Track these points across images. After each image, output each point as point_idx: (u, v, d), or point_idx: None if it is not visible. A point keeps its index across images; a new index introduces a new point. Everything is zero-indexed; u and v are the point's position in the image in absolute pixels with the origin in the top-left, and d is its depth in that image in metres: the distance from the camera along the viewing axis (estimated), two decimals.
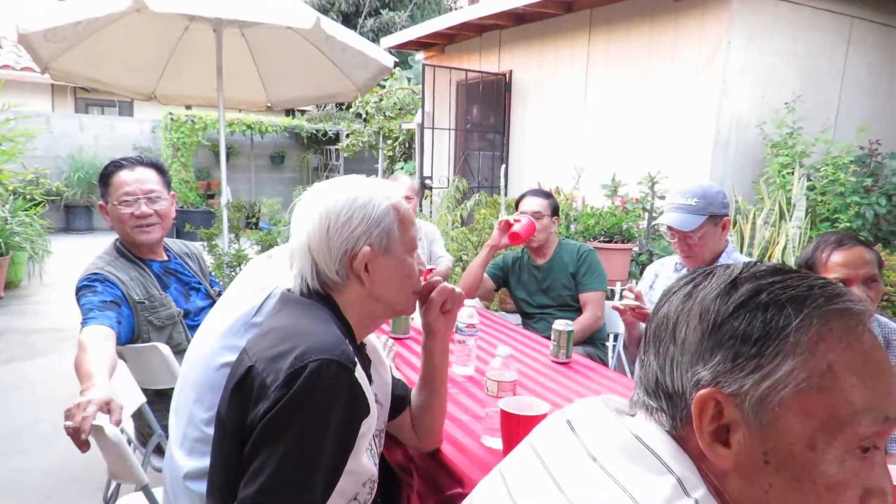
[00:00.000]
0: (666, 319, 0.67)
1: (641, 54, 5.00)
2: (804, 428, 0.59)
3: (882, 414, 0.60)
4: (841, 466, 0.59)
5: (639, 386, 0.71)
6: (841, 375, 0.59)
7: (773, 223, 3.76)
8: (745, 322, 0.61)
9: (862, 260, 1.75)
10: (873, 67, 5.02)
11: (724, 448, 0.62)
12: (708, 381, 0.62)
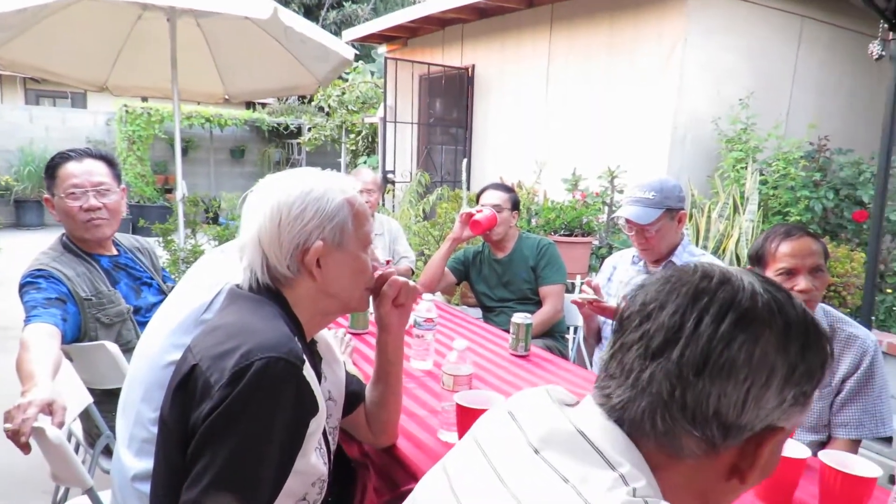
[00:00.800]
0: (754, 353, 0.62)
1: (602, 50, 5.06)
2: (773, 451, 0.66)
3: None
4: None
5: (669, 408, 0.63)
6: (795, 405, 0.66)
7: (727, 216, 3.85)
8: (811, 360, 0.64)
9: (808, 250, 1.80)
10: (823, 66, 5.17)
11: (741, 483, 0.66)
12: (777, 419, 0.63)
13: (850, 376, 1.80)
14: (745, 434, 0.63)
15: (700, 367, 0.61)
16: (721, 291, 0.64)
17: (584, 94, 5.22)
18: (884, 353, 3.44)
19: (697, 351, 0.61)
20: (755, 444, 0.63)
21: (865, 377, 1.79)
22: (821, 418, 1.85)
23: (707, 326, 0.61)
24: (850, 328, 1.85)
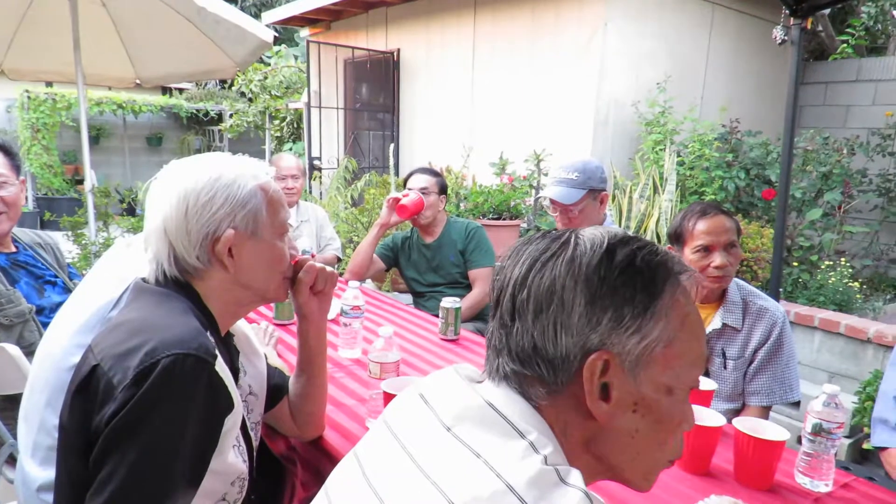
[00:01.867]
0: (551, 286, 0.66)
1: (525, 35, 5.10)
2: (666, 378, 0.67)
3: (703, 357, 0.72)
4: (684, 403, 0.70)
5: (503, 354, 0.69)
6: (689, 329, 0.68)
7: (647, 197, 3.98)
8: (628, 287, 0.65)
9: (723, 228, 1.88)
10: (733, 52, 5.41)
11: (605, 404, 0.66)
12: (596, 345, 0.65)
13: (762, 346, 1.89)
14: (571, 366, 0.65)
15: (512, 311, 0.68)
16: (541, 243, 0.70)
17: (509, 78, 5.25)
18: (791, 322, 3.67)
19: (508, 296, 0.69)
20: (589, 372, 0.64)
21: (775, 347, 1.89)
22: (735, 388, 1.95)
23: (516, 273, 0.69)
24: (761, 301, 1.94)
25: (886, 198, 5.06)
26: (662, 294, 0.66)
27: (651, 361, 0.66)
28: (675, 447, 0.72)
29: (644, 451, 0.69)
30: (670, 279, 0.67)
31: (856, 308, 3.88)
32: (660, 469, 0.73)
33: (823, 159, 4.56)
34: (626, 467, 0.71)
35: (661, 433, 0.69)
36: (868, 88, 5.59)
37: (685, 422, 0.71)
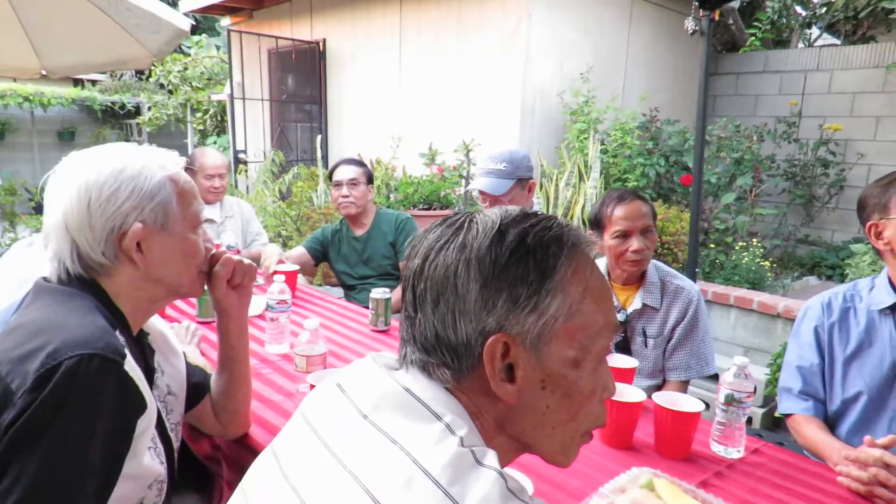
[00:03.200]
0: (445, 273, 0.67)
1: (452, 26, 5.11)
2: (571, 351, 0.67)
3: (612, 325, 0.71)
4: (595, 374, 0.70)
5: (409, 344, 0.70)
6: (590, 300, 0.68)
7: (573, 184, 4.09)
8: (519, 266, 0.65)
9: (639, 213, 1.95)
10: (651, 43, 5.60)
11: (511, 385, 0.66)
12: (494, 328, 0.65)
13: (679, 324, 1.98)
14: (474, 351, 0.65)
15: (413, 302, 0.69)
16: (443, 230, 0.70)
17: (436, 69, 5.26)
18: (709, 301, 3.86)
19: (409, 288, 0.69)
20: (489, 356, 0.64)
21: (691, 324, 1.98)
22: (656, 364, 2.03)
23: (414, 264, 0.69)
24: (678, 281, 2.03)
25: (793, 181, 5.39)
26: (557, 269, 0.66)
27: (553, 337, 0.66)
28: (594, 416, 0.73)
29: (559, 426, 0.70)
30: (565, 253, 0.67)
31: (767, 286, 4.12)
32: (578, 441, 0.73)
33: (735, 146, 4.80)
34: (543, 443, 0.71)
35: (574, 406, 0.69)
36: (774, 79, 5.91)
37: (603, 390, 0.72)
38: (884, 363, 1.58)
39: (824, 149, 5.27)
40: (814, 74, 5.68)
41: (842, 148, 5.35)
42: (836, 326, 1.66)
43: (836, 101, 5.52)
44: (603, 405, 0.74)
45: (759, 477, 1.40)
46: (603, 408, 0.74)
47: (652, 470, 1.27)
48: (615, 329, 0.72)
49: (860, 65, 5.39)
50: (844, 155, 5.35)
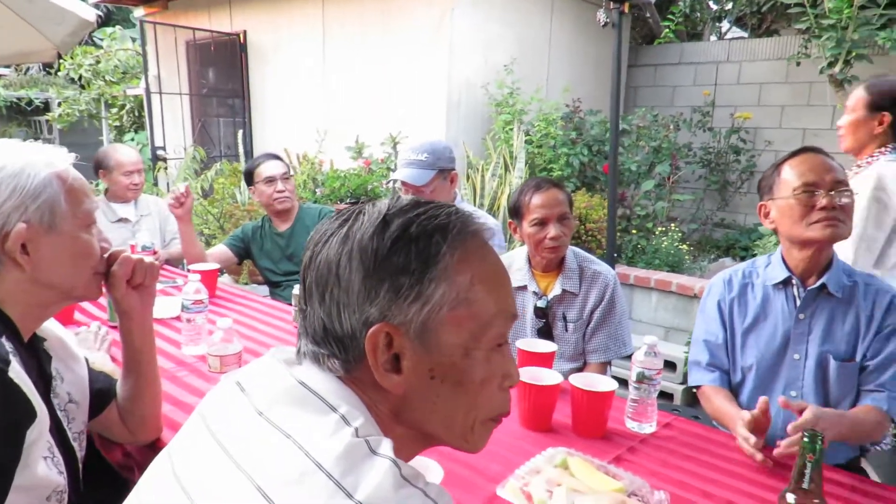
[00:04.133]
0: (328, 265, 0.67)
1: (376, 17, 5.06)
2: (459, 339, 0.67)
3: (508, 313, 0.71)
4: (488, 363, 0.69)
5: (303, 336, 0.70)
6: (479, 288, 0.68)
7: (499, 175, 4.14)
8: (401, 256, 0.65)
9: (556, 201, 2.00)
10: (573, 36, 5.73)
11: (397, 375, 0.66)
12: (376, 318, 0.64)
13: (597, 307, 2.05)
14: (360, 343, 0.65)
15: (304, 295, 0.70)
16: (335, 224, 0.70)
17: (362, 61, 5.20)
18: (631, 285, 4.00)
19: (301, 280, 0.70)
20: (371, 346, 0.64)
21: (609, 307, 2.05)
22: (577, 348, 2.09)
23: (306, 257, 0.70)
24: (595, 266, 2.10)
25: (708, 168, 5.65)
26: (440, 257, 0.65)
27: (440, 325, 0.65)
28: (495, 403, 0.72)
29: (454, 414, 0.69)
30: (451, 241, 0.66)
31: (686, 268, 4.31)
32: (481, 428, 0.73)
33: (654, 135, 4.98)
34: (441, 432, 0.71)
35: (467, 394, 0.69)
36: (689, 70, 6.17)
37: (504, 377, 0.72)
38: (777, 334, 1.68)
39: (735, 137, 5.55)
40: (725, 66, 5.96)
41: (751, 136, 5.64)
42: (736, 301, 1.76)
43: (745, 92, 5.81)
44: (505, 392, 0.74)
45: (669, 449, 1.47)
46: (505, 395, 0.74)
47: (567, 450, 1.32)
48: (511, 317, 0.72)
49: (766, 57, 5.69)
50: (754, 142, 5.65)
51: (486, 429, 0.74)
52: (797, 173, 1.59)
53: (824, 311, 1.65)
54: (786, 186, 1.61)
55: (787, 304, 1.69)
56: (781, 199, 1.63)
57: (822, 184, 1.55)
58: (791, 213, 1.60)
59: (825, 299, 1.65)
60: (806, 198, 1.56)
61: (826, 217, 1.54)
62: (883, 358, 1.57)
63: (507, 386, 0.73)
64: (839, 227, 1.55)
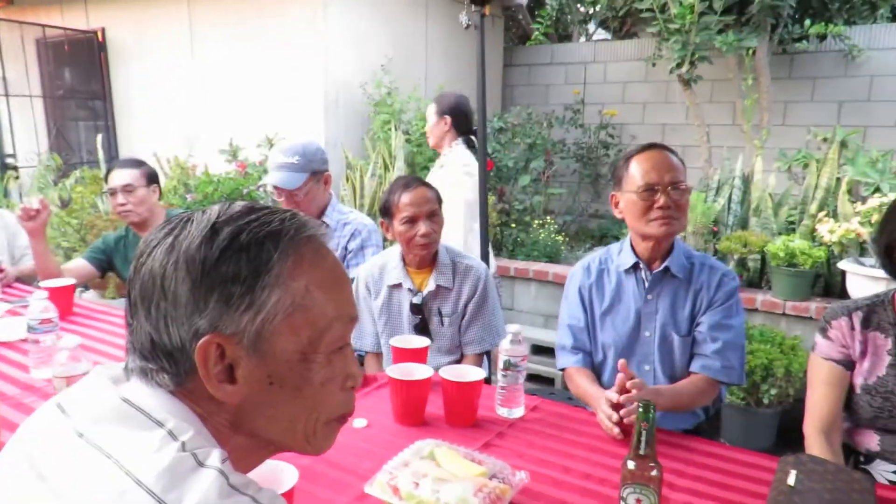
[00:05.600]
0: (152, 276, 0.65)
1: (248, 15, 4.89)
2: (296, 345, 0.67)
3: (347, 316, 0.72)
4: (328, 366, 0.70)
5: (131, 352, 0.68)
6: (316, 294, 0.68)
7: (378, 175, 4.15)
8: (231, 264, 0.64)
9: (425, 198, 2.04)
10: (448, 35, 5.83)
11: (231, 385, 0.65)
12: (206, 329, 0.63)
13: (471, 300, 2.11)
14: (190, 355, 0.64)
15: (129, 308, 0.68)
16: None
17: (234, 60, 5.01)
18: (512, 277, 4.16)
19: (127, 294, 0.69)
20: (202, 358, 0.63)
21: (482, 300, 2.12)
22: (453, 341, 2.15)
23: (131, 269, 0.69)
24: (467, 260, 2.16)
25: (581, 163, 5.96)
26: (272, 265, 0.65)
27: (275, 333, 0.65)
28: (338, 404, 0.73)
29: (295, 419, 0.70)
30: (282, 247, 0.66)
31: (563, 258, 4.53)
32: (324, 430, 0.73)
33: (528, 132, 5.19)
34: (283, 438, 0.71)
35: (308, 398, 0.69)
36: (560, 70, 6.48)
37: (346, 378, 0.72)
38: (630, 314, 1.82)
39: (604, 132, 5.90)
40: (592, 66, 6.31)
41: (618, 131, 6.01)
42: (594, 286, 1.88)
43: (611, 90, 6.18)
44: (349, 392, 0.74)
45: (535, 431, 1.55)
46: (349, 395, 0.75)
47: (435, 441, 1.35)
48: (350, 319, 0.72)
49: (627, 58, 6.09)
50: (620, 137, 6.02)
51: (330, 430, 0.74)
52: (641, 172, 1.72)
53: (668, 291, 1.80)
54: (631, 182, 1.75)
55: (636, 286, 1.83)
56: (627, 194, 1.76)
57: (662, 183, 1.70)
58: (634, 208, 1.74)
59: (669, 280, 1.80)
60: (647, 196, 1.71)
61: (662, 216, 1.70)
62: (713, 329, 1.74)
63: (350, 386, 0.74)
64: (673, 225, 1.72)
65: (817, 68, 5.13)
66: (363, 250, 2.44)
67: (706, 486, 1.31)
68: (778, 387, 2.95)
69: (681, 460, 1.41)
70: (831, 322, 1.58)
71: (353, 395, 0.76)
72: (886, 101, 4.90)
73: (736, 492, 1.29)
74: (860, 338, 1.54)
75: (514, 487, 1.20)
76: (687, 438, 1.53)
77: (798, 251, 3.21)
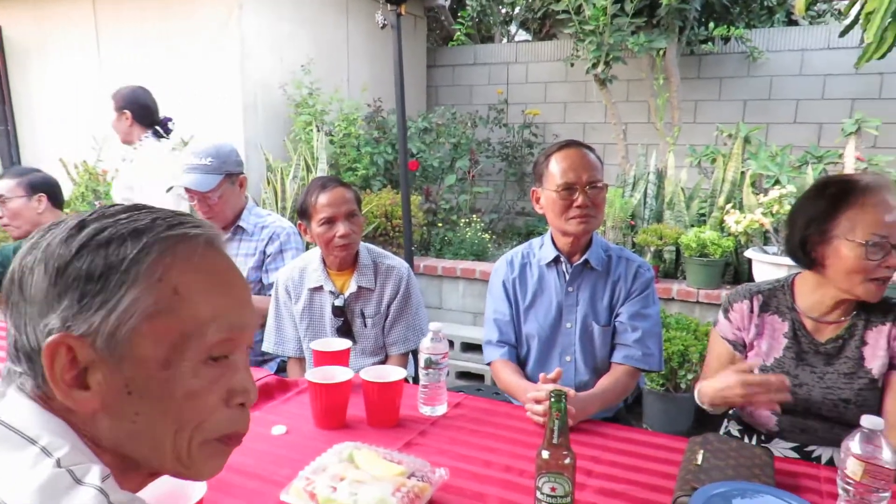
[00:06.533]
0: (12, 274, 0.62)
1: (157, 15, 4.69)
2: (158, 350, 0.62)
3: (226, 323, 0.66)
4: (196, 377, 0.64)
5: (7, 359, 0.64)
6: (186, 295, 0.63)
7: (300, 177, 4.07)
8: (87, 261, 0.60)
9: (343, 199, 2.01)
10: (370, 35, 5.79)
11: (84, 391, 0.61)
12: (57, 327, 0.59)
13: (393, 300, 2.10)
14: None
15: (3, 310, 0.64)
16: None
17: (144, 61, 4.79)
18: (440, 276, 4.17)
19: None
20: (49, 359, 0.59)
21: (404, 299, 2.11)
22: (377, 342, 2.13)
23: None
24: (389, 260, 2.14)
25: (507, 161, 6.05)
26: (133, 263, 0.61)
27: (134, 336, 0.61)
28: (222, 422, 0.67)
29: (161, 435, 0.64)
30: (146, 245, 0.62)
31: (490, 256, 4.58)
32: (202, 451, 0.66)
33: (453, 132, 5.22)
34: (149, 456, 0.65)
35: (172, 413, 0.63)
36: (484, 71, 6.55)
37: (230, 393, 0.67)
38: (552, 307, 1.86)
39: (528, 131, 6.01)
40: (514, 66, 6.42)
41: (541, 130, 6.15)
42: (517, 280, 1.91)
43: (533, 90, 6.31)
44: (237, 410, 0.68)
45: (458, 427, 1.56)
46: (237, 413, 0.68)
47: (354, 443, 1.33)
48: (230, 327, 0.66)
49: (547, 58, 6.23)
50: (544, 136, 6.15)
51: (211, 451, 0.68)
52: (560, 171, 1.76)
53: (588, 283, 1.85)
54: (551, 181, 1.78)
55: (558, 279, 1.87)
56: (547, 191, 1.80)
57: (580, 183, 1.74)
58: (554, 206, 1.79)
59: (588, 273, 1.85)
60: (566, 195, 1.75)
61: (580, 214, 1.75)
62: (633, 318, 1.80)
63: (239, 403, 0.68)
64: (591, 223, 1.77)
65: (723, 69, 5.41)
66: (282, 254, 2.38)
67: (621, 470, 1.35)
68: (694, 371, 3.09)
69: (598, 447, 1.45)
70: (733, 304, 1.67)
71: (243, 413, 0.70)
72: (785, 100, 5.22)
73: (649, 474, 1.33)
74: (756, 321, 1.62)
75: (434, 485, 1.20)
76: (605, 426, 1.58)
77: (708, 242, 3.38)
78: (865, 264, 1.40)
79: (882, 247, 1.39)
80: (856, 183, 1.46)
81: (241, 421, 0.69)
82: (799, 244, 1.52)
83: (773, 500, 1.08)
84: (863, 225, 1.40)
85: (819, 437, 1.56)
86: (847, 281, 1.45)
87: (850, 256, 1.41)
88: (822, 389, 1.52)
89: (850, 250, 1.41)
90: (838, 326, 1.55)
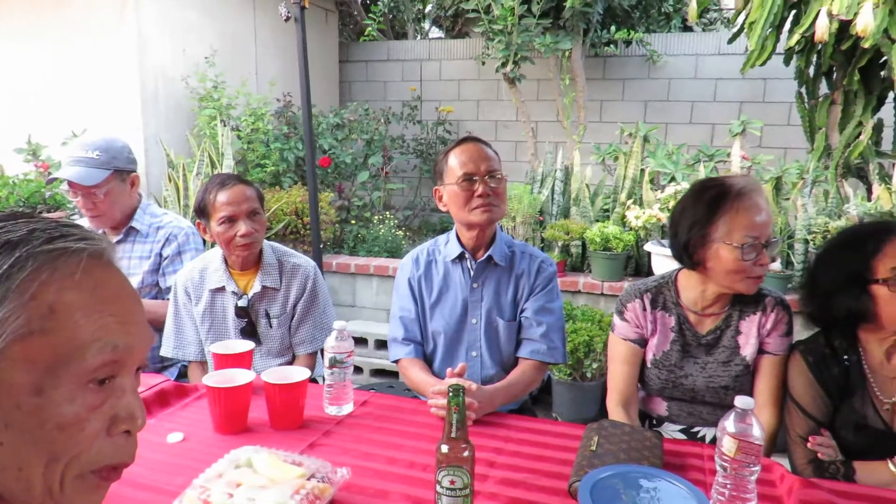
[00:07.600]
0: None
1: (45, 2, 4.36)
2: (28, 375, 0.57)
3: (110, 344, 0.61)
4: (73, 404, 0.59)
5: None
6: (63, 315, 0.59)
7: (205, 173, 3.91)
8: None
9: (244, 196, 1.95)
10: (279, 29, 5.62)
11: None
12: None
13: (300, 300, 2.06)
14: None
15: None
16: None
17: (33, 51, 4.45)
18: (353, 273, 4.13)
19: None
20: None
21: (311, 298, 2.08)
22: (283, 342, 2.08)
23: None
24: (294, 259, 2.10)
25: (421, 158, 6.07)
26: (1, 281, 0.56)
27: (1, 360, 0.56)
28: (99, 453, 0.62)
29: (29, 469, 0.58)
30: (19, 259, 0.57)
31: (404, 253, 4.56)
32: (73, 485, 0.61)
33: (366, 128, 5.18)
34: (18, 492, 0.59)
35: (44, 442, 0.58)
36: (397, 67, 6.53)
37: (113, 421, 0.63)
38: (458, 303, 1.88)
39: (441, 128, 6.05)
40: (428, 63, 6.44)
41: (455, 127, 6.20)
42: (423, 277, 1.92)
43: (446, 87, 6.36)
44: (121, 438, 0.64)
45: (364, 425, 1.55)
46: (121, 442, 0.64)
47: (253, 448, 1.30)
48: (114, 346, 0.62)
49: (460, 56, 6.29)
50: (457, 133, 6.21)
51: (87, 485, 0.62)
52: (459, 163, 1.79)
53: (492, 278, 1.89)
54: (451, 174, 1.80)
55: (463, 276, 1.89)
56: (449, 186, 1.82)
57: (479, 172, 1.77)
58: (457, 199, 1.80)
59: (493, 269, 1.88)
60: (466, 185, 1.77)
61: (483, 203, 1.77)
62: (538, 313, 1.85)
63: (124, 430, 0.64)
64: (494, 212, 1.80)
65: (625, 71, 5.66)
66: (180, 255, 2.27)
67: (524, 459, 1.39)
68: (599, 361, 3.22)
69: (501, 438, 1.48)
70: (626, 304, 1.75)
71: (128, 441, 0.65)
72: (682, 101, 5.53)
73: (550, 462, 1.37)
74: (651, 317, 1.72)
75: (335, 485, 1.18)
76: (510, 418, 1.62)
77: (611, 236, 3.53)
78: (743, 265, 1.52)
79: (755, 247, 1.52)
80: (730, 187, 1.57)
81: (124, 451, 0.65)
82: (683, 248, 1.62)
83: (646, 483, 1.16)
84: (738, 228, 1.52)
85: (703, 418, 1.67)
86: (727, 279, 1.57)
87: (729, 259, 1.53)
88: (704, 378, 1.63)
89: (729, 253, 1.53)
90: (717, 318, 1.66)
